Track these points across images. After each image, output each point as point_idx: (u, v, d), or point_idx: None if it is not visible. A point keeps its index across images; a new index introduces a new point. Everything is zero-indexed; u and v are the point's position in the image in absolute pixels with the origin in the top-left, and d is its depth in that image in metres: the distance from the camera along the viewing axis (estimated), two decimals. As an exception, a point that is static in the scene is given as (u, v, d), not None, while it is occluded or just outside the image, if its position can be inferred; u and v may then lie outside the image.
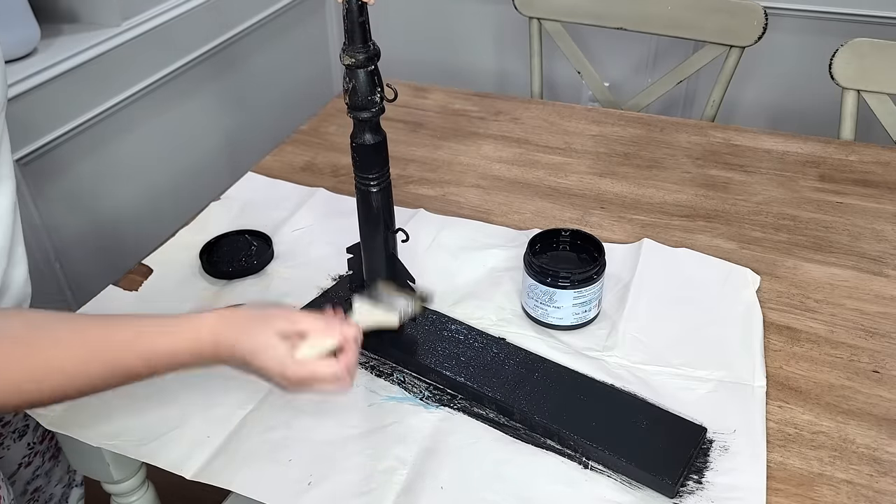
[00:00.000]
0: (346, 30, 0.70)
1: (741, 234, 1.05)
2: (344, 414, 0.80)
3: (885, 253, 1.01)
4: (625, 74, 1.91)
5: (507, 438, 0.77)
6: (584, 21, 1.53)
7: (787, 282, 0.97)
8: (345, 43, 0.72)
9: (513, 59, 2.00)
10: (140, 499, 0.94)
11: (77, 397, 0.64)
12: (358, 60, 0.71)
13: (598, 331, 0.90)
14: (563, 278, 0.85)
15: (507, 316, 0.92)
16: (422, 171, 1.23)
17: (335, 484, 0.73)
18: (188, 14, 1.58)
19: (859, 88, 1.31)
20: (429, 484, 0.72)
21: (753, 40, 1.39)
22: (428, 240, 1.05)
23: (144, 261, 1.03)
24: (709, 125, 1.33)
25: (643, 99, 1.57)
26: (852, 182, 1.16)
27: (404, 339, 0.87)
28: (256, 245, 1.05)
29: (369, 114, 0.75)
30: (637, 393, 0.80)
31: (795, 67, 1.73)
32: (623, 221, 1.09)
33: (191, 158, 1.70)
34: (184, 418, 0.80)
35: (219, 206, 1.14)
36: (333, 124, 1.37)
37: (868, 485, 0.72)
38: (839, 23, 1.64)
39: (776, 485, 0.72)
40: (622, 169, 1.21)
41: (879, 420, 0.78)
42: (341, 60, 0.72)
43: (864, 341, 0.87)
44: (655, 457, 0.72)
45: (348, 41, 0.71)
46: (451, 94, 1.45)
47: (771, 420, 0.78)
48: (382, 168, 0.78)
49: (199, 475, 0.74)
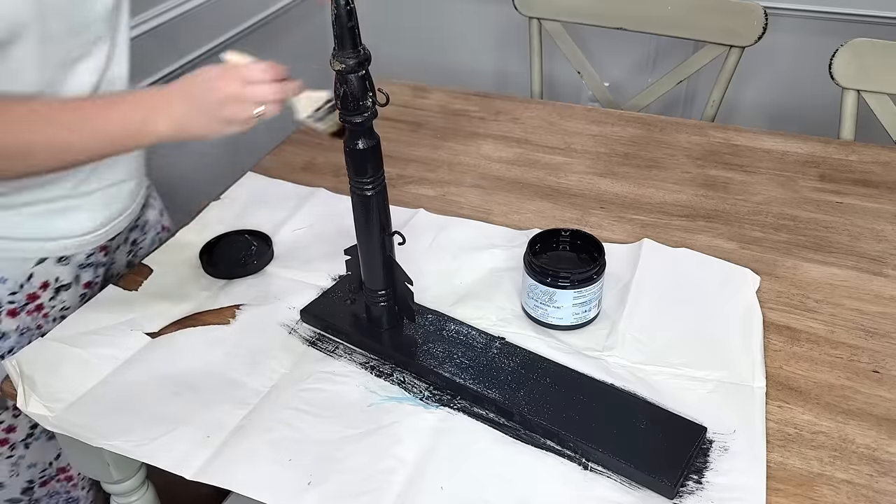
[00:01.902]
0: (336, 35, 0.70)
1: (741, 234, 1.05)
2: (344, 414, 0.80)
3: (885, 253, 1.01)
4: (625, 74, 1.91)
5: (506, 439, 0.77)
6: (584, 21, 1.54)
7: (786, 282, 0.97)
8: (335, 48, 0.71)
9: (513, 59, 2.00)
10: (140, 499, 0.94)
11: (73, 161, 0.80)
12: (348, 66, 0.71)
13: (598, 331, 0.90)
14: (563, 278, 0.85)
15: (507, 316, 0.92)
16: (422, 171, 1.23)
17: (335, 484, 0.73)
18: (188, 14, 1.58)
19: (859, 88, 1.31)
20: (429, 484, 0.72)
21: (753, 40, 1.39)
22: (428, 240, 1.05)
23: (144, 261, 1.03)
24: (709, 125, 1.33)
25: (643, 99, 1.57)
26: (852, 182, 1.16)
27: (404, 339, 0.87)
28: (256, 245, 1.05)
29: (362, 119, 0.74)
30: (637, 393, 0.80)
31: (795, 67, 1.73)
32: (623, 221, 1.09)
33: (191, 158, 1.70)
34: (184, 418, 0.80)
35: (219, 206, 1.14)
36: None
37: (868, 485, 0.72)
38: (839, 23, 1.64)
39: (776, 485, 0.72)
40: (622, 169, 1.21)
41: (879, 420, 0.78)
42: (331, 66, 0.72)
43: (864, 341, 0.87)
44: (655, 457, 0.72)
45: (338, 46, 0.71)
46: (451, 94, 1.45)
47: (771, 420, 0.78)
48: (377, 172, 0.78)
49: (199, 475, 0.74)
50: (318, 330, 0.91)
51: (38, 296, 0.95)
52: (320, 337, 0.90)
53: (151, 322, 0.93)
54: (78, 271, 0.99)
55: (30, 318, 0.94)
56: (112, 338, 0.90)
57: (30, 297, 0.94)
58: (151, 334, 0.91)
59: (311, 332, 0.91)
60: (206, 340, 0.90)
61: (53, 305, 0.97)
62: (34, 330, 0.95)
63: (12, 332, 0.93)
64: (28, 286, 0.93)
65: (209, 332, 0.91)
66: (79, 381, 0.84)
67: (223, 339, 0.90)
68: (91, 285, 1.02)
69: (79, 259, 0.98)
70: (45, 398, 0.82)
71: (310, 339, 0.90)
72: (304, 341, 0.90)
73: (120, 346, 0.89)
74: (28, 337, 0.94)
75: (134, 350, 0.88)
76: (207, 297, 0.97)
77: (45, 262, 0.94)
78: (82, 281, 1.00)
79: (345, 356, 0.87)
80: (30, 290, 0.93)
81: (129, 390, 0.84)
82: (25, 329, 0.94)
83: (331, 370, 0.85)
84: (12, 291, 0.92)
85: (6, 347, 0.93)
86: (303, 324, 0.92)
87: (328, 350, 0.88)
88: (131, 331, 0.91)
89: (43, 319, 0.96)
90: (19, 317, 0.93)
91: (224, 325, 0.92)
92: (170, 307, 0.95)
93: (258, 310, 0.94)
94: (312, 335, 0.90)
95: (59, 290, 0.97)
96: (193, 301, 0.96)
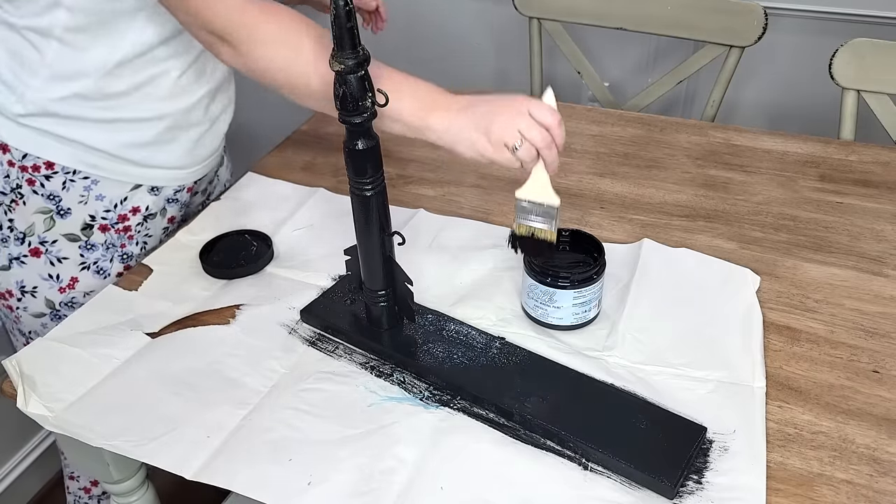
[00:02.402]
0: (335, 35, 0.70)
1: (741, 234, 1.05)
2: (344, 414, 0.80)
3: (884, 253, 1.01)
4: (625, 74, 1.91)
5: (506, 439, 0.77)
6: (584, 21, 1.54)
7: (786, 282, 0.97)
8: (334, 49, 0.71)
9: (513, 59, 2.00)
10: (140, 499, 0.94)
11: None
12: (348, 66, 0.71)
13: (598, 331, 0.90)
14: (563, 278, 0.85)
15: (507, 316, 0.92)
16: (422, 171, 1.23)
17: (335, 484, 0.73)
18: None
19: (859, 88, 1.31)
20: (429, 484, 0.72)
21: (753, 40, 1.39)
22: (428, 240, 1.05)
23: (144, 261, 1.03)
24: (709, 125, 1.33)
25: (643, 99, 1.57)
26: (852, 182, 1.16)
27: (404, 339, 0.87)
28: (256, 245, 1.05)
29: (361, 119, 0.74)
30: (637, 393, 0.80)
31: (795, 67, 1.73)
32: (623, 221, 1.09)
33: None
34: (184, 418, 0.80)
35: (219, 206, 1.14)
36: (333, 124, 1.36)
37: (868, 485, 0.72)
38: (839, 23, 1.64)
39: (776, 485, 0.72)
40: (622, 169, 1.21)
41: (879, 420, 0.78)
42: (331, 67, 0.72)
43: (864, 341, 0.87)
44: (655, 457, 0.72)
45: (337, 47, 0.71)
46: (451, 94, 1.45)
47: (771, 420, 0.78)
48: (376, 172, 0.78)
49: (199, 475, 0.74)
50: (318, 330, 0.91)
51: (128, 218, 1.04)
52: (320, 337, 0.90)
53: (151, 322, 0.93)
54: (165, 204, 1.07)
55: (117, 235, 1.04)
56: (112, 338, 0.90)
57: (120, 218, 1.03)
58: (151, 334, 0.91)
59: (311, 332, 0.91)
60: (206, 340, 0.90)
61: (139, 231, 1.06)
62: (118, 247, 1.04)
63: (100, 245, 1.02)
64: (122, 207, 1.02)
65: (209, 332, 0.91)
66: (79, 381, 0.84)
67: (223, 339, 0.90)
68: (174, 220, 1.11)
69: (167, 193, 1.06)
70: (45, 398, 0.82)
71: (310, 339, 0.90)
72: (304, 341, 0.90)
73: (120, 346, 0.89)
74: (112, 253, 1.04)
75: (134, 350, 0.88)
76: (207, 297, 0.97)
77: (139, 189, 1.03)
78: (168, 214, 1.09)
79: (345, 356, 0.87)
80: (122, 212, 1.03)
81: (129, 390, 0.84)
82: (111, 244, 1.03)
83: (331, 370, 0.85)
84: (107, 210, 1.01)
85: (92, 259, 1.03)
86: (303, 324, 0.92)
87: (328, 350, 0.88)
88: (131, 331, 0.91)
89: (128, 241, 1.05)
90: (108, 233, 1.03)
91: (224, 325, 0.92)
92: (170, 307, 0.95)
93: (258, 310, 0.94)
94: (312, 335, 0.90)
95: (147, 218, 1.06)
96: (193, 301, 0.96)
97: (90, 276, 1.03)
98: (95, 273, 1.03)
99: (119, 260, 1.05)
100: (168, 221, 1.09)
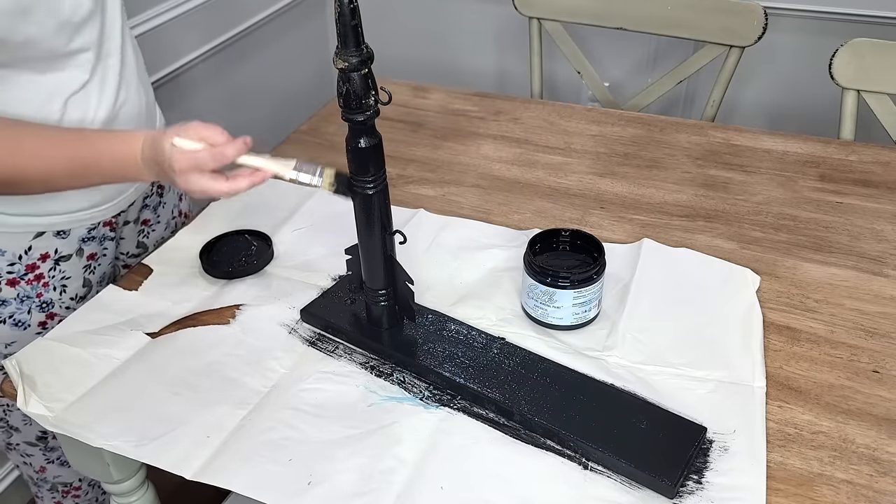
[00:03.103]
0: (339, 33, 0.70)
1: (741, 234, 1.05)
2: (344, 414, 0.80)
3: (885, 253, 1.01)
4: (625, 74, 1.91)
5: (506, 439, 0.77)
6: (584, 21, 1.53)
7: (786, 282, 0.97)
8: (338, 46, 0.71)
9: (513, 59, 2.00)
10: (140, 499, 0.94)
11: (45, 186, 0.84)
12: (351, 64, 0.71)
13: (598, 331, 0.90)
14: (563, 278, 0.85)
15: (507, 316, 0.92)
16: (422, 171, 1.23)
17: (335, 484, 0.73)
18: (188, 14, 1.58)
19: (859, 88, 1.31)
20: (429, 484, 0.72)
21: (753, 40, 1.39)
22: (428, 240, 1.05)
23: (144, 260, 1.03)
24: (709, 125, 1.33)
25: (643, 99, 1.57)
26: (852, 182, 1.16)
27: (404, 339, 0.87)
28: (256, 245, 1.05)
29: (364, 117, 0.74)
30: (637, 393, 0.80)
31: (795, 67, 1.73)
32: (623, 221, 1.09)
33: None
34: (184, 418, 0.80)
35: (219, 206, 1.14)
36: (333, 124, 1.37)
37: (868, 485, 0.72)
38: (839, 23, 1.64)
39: (776, 485, 0.72)
40: (622, 169, 1.21)
41: (879, 420, 0.78)
42: (335, 64, 0.72)
43: (864, 341, 0.87)
44: (655, 457, 0.72)
45: (341, 45, 0.71)
46: (451, 94, 1.45)
47: (771, 420, 0.78)
48: (378, 171, 0.78)
49: (199, 475, 0.74)
50: (318, 330, 0.91)
51: (38, 266, 0.97)
52: (320, 337, 0.90)
53: (151, 322, 0.93)
54: (80, 244, 1.00)
55: (30, 286, 0.97)
56: (112, 338, 0.90)
57: (29, 268, 0.96)
58: (151, 334, 0.91)
59: (311, 332, 0.91)
60: (206, 340, 0.90)
61: (54, 275, 0.98)
62: (34, 298, 0.97)
63: (12, 300, 0.96)
64: (27, 258, 0.95)
65: (209, 332, 0.91)
66: (79, 381, 0.84)
67: (223, 339, 0.90)
68: (96, 257, 1.03)
69: (79, 233, 0.99)
70: (45, 398, 0.82)
71: (310, 339, 0.90)
72: (304, 341, 0.90)
73: (120, 346, 0.89)
74: (28, 305, 0.97)
75: (134, 350, 0.88)
76: (207, 297, 0.97)
77: (43, 236, 0.95)
78: (86, 253, 1.01)
79: (345, 356, 0.87)
80: (29, 262, 0.96)
81: (129, 390, 0.84)
82: (25, 297, 0.97)
83: (331, 370, 0.85)
84: (11, 262, 0.94)
85: (7, 314, 0.96)
86: (303, 324, 0.92)
87: (328, 350, 0.88)
88: (131, 331, 0.91)
89: (43, 288, 0.98)
90: (19, 286, 0.96)
91: (224, 325, 0.92)
92: (170, 307, 0.95)
93: (258, 310, 0.94)
94: (312, 335, 0.90)
95: (60, 261, 0.98)
96: (193, 301, 0.96)
97: (7, 329, 0.97)
98: (13, 326, 0.97)
99: (38, 310, 0.98)
100: (89, 259, 1.02)
